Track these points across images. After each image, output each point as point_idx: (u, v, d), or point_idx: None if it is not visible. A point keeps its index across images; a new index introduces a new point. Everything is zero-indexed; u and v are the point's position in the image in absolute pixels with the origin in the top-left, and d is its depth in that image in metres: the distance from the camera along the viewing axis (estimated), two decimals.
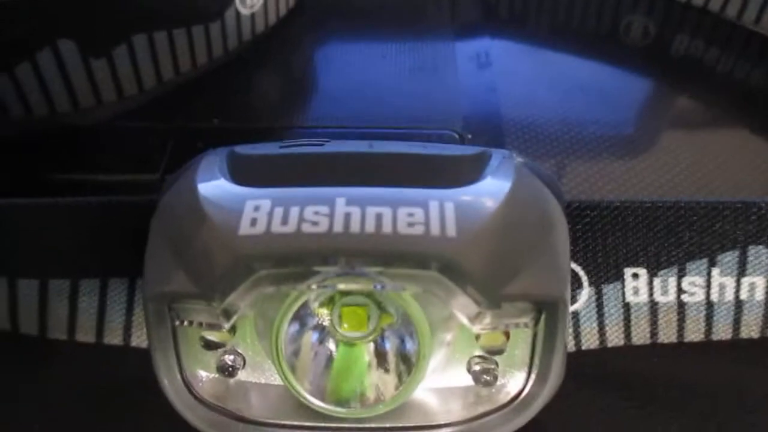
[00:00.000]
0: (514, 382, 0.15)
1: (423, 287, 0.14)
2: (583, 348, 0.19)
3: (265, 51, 0.28)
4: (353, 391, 0.15)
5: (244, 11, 0.27)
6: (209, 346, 0.15)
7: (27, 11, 0.21)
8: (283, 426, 0.15)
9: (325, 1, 0.31)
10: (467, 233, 0.13)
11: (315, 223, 0.13)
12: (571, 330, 0.19)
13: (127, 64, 0.24)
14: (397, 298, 0.14)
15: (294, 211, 0.13)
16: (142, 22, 0.24)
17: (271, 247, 0.13)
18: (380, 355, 0.15)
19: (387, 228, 0.13)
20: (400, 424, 0.15)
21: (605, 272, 0.18)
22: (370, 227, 0.13)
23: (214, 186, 0.14)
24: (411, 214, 0.13)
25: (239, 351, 0.15)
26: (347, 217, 0.13)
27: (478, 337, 0.15)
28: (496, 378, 0.15)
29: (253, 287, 0.14)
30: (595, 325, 0.19)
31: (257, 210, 0.13)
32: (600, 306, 0.18)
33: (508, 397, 0.15)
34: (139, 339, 0.19)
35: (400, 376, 0.15)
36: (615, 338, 0.19)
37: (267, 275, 0.13)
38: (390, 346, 0.15)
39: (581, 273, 0.18)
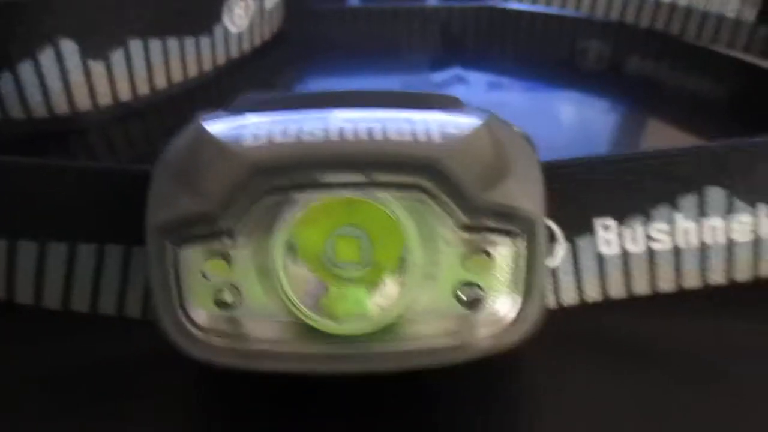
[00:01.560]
0: (501, 302, 0.16)
1: (411, 197, 0.15)
2: (564, 304, 0.20)
3: (252, 71, 0.31)
4: (350, 310, 0.15)
5: (233, 29, 0.29)
6: (209, 280, 0.16)
7: (34, 7, 0.23)
8: (281, 344, 0.15)
9: (308, 31, 0.34)
10: (452, 140, 0.15)
11: (313, 135, 0.15)
12: (551, 286, 0.20)
13: (123, 69, 0.26)
14: (386, 217, 0.15)
15: (293, 127, 0.15)
16: (137, 27, 0.25)
17: (272, 153, 0.15)
18: (374, 282, 0.16)
19: (378, 136, 0.15)
20: (396, 349, 0.16)
21: (578, 226, 0.19)
22: (363, 136, 0.15)
23: (216, 118, 0.16)
24: (400, 127, 0.15)
25: (238, 287, 0.16)
26: (342, 129, 0.15)
27: (463, 262, 0.16)
28: (483, 301, 0.16)
29: (256, 199, 0.15)
30: (572, 279, 0.20)
31: (258, 128, 0.15)
32: (576, 260, 0.20)
33: (496, 318, 0.16)
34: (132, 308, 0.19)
35: (396, 290, 0.15)
36: (592, 292, 0.20)
37: (269, 186, 0.15)
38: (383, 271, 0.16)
39: (556, 229, 0.19)
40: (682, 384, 0.18)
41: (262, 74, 0.31)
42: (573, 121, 0.31)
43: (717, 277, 0.20)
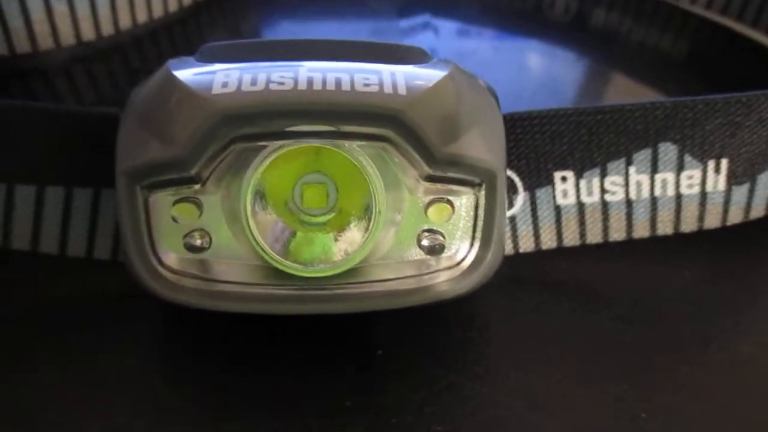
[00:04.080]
0: (460, 249, 0.17)
1: (376, 147, 0.15)
2: (521, 251, 0.21)
3: (217, 12, 0.30)
4: (316, 254, 0.16)
5: None
6: (179, 224, 0.16)
7: None
8: (248, 286, 0.16)
9: None
10: (416, 93, 0.15)
11: (281, 84, 0.15)
12: (509, 233, 0.20)
13: (86, 8, 0.25)
14: (352, 165, 0.16)
15: (262, 76, 0.15)
16: None
17: (241, 102, 0.15)
18: (339, 227, 0.16)
19: (346, 87, 0.15)
20: (357, 291, 0.16)
21: (537, 177, 0.20)
22: (330, 86, 0.15)
23: (185, 65, 0.16)
24: (366, 78, 0.15)
25: (207, 230, 0.17)
26: (310, 79, 0.15)
27: (425, 210, 0.17)
28: (444, 247, 0.17)
29: (224, 146, 0.15)
30: (530, 228, 0.21)
31: (228, 76, 0.15)
32: (534, 210, 0.20)
33: (455, 263, 0.17)
34: (101, 251, 0.20)
35: (360, 236, 0.16)
36: (548, 240, 0.21)
37: (237, 133, 0.15)
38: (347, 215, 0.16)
39: (516, 179, 0.20)
40: (624, 324, 0.19)
41: (227, 16, 0.31)
42: (537, 71, 0.31)
43: (665, 228, 0.21)
